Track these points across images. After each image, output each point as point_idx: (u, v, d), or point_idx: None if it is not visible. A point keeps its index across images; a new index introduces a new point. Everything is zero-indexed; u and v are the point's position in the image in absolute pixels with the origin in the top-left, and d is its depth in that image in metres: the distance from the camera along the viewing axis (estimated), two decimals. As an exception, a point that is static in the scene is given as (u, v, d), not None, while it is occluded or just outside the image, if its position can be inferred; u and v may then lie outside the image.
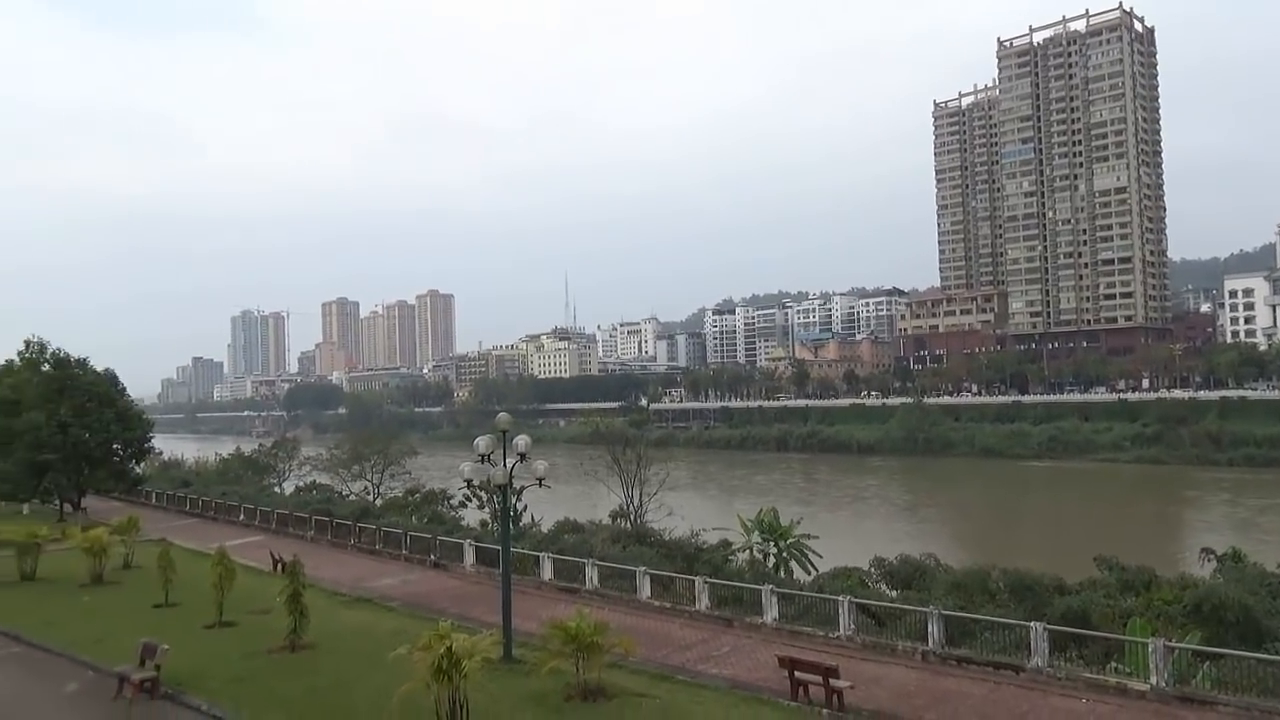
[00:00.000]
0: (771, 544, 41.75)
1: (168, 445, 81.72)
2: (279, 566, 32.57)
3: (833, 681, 18.01)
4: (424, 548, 37.33)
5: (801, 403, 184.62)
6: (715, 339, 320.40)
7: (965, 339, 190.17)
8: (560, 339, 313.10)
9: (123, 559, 34.66)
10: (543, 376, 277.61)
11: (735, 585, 27.48)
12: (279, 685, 19.58)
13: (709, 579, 27.55)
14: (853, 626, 23.11)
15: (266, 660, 21.63)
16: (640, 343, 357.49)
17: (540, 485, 21.89)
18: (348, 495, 63.01)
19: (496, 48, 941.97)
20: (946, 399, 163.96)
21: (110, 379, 55.82)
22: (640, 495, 50.20)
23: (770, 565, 39.35)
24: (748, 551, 41.13)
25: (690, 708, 17.90)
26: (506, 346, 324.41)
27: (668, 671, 20.88)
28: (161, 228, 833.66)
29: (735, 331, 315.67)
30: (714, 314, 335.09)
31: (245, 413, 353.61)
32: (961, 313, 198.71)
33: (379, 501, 59.78)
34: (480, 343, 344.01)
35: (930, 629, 21.46)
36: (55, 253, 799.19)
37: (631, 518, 48.52)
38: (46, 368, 54.31)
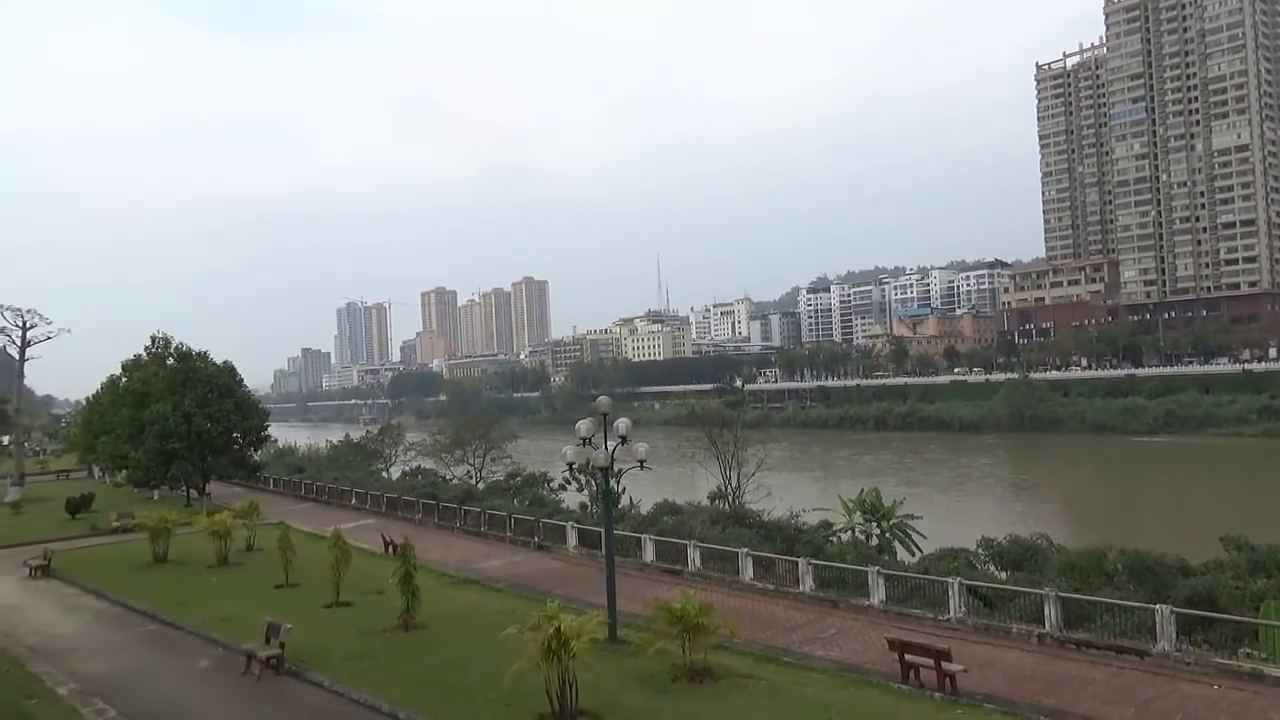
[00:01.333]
0: (874, 525, 41.06)
1: (281, 433, 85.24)
2: (390, 549, 33.63)
3: (945, 665, 17.61)
4: (527, 530, 38.02)
5: (900, 380, 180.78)
6: (810, 318, 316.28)
7: (1073, 311, 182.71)
8: (653, 322, 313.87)
9: (245, 542, 36.32)
10: (636, 359, 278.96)
11: (840, 567, 27.11)
12: (395, 663, 20.27)
13: (812, 560, 27.27)
14: (963, 609, 22.54)
15: (382, 639, 22.39)
16: (734, 323, 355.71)
17: (641, 468, 22.00)
18: (451, 479, 64.51)
19: (592, 33, 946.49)
20: (1054, 374, 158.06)
21: (229, 371, 58.40)
22: (738, 476, 50.00)
23: (873, 546, 38.72)
24: (849, 533, 40.55)
25: (798, 689, 17.79)
26: (600, 330, 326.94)
27: (773, 653, 20.78)
28: (275, 227, 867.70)
29: (830, 309, 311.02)
30: (808, 292, 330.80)
31: (352, 401, 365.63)
32: (1069, 284, 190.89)
33: (481, 485, 61.02)
34: (575, 327, 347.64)
35: (1046, 611, 20.76)
36: (182, 258, 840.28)
37: (730, 499, 48.41)
38: (171, 361, 57.28)
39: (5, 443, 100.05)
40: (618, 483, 23.22)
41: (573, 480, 52.69)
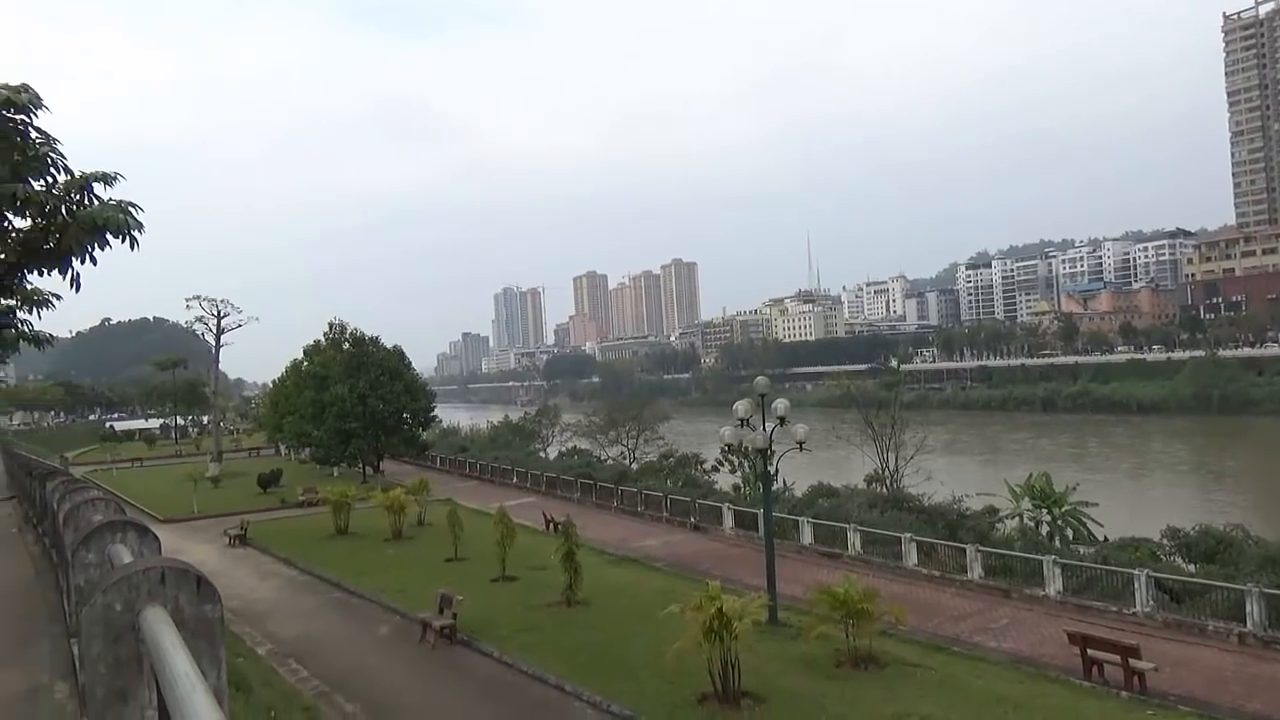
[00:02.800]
0: (1044, 511, 39.06)
1: (445, 414, 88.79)
2: (551, 526, 34.62)
3: (1133, 662, 16.59)
4: (683, 510, 38.31)
5: (1070, 359, 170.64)
6: (969, 295, 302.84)
7: (1270, 282, 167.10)
8: (804, 301, 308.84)
9: (417, 517, 38.24)
10: (787, 340, 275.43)
11: (1010, 554, 25.97)
12: (559, 637, 20.86)
13: (980, 547, 26.25)
14: (1151, 603, 21.15)
15: (546, 613, 23.08)
16: (888, 302, 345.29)
17: (800, 449, 21.73)
18: (606, 459, 65.65)
19: (733, 11, 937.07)
20: (1247, 351, 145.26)
21: (398, 355, 61.54)
22: (895, 459, 48.64)
23: (1043, 534, 36.87)
24: (1017, 519, 38.76)
25: (969, 680, 17.17)
26: (750, 311, 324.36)
27: (941, 642, 20.15)
28: (434, 218, 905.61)
29: (992, 285, 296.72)
30: (967, 268, 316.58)
31: (510, 383, 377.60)
32: (1264, 252, 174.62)
33: (635, 466, 61.82)
34: (724, 308, 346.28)
35: (1249, 608, 19.21)
36: (354, 249, 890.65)
37: (888, 483, 47.19)
38: (347, 347, 60.91)
39: (205, 423, 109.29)
40: (775, 465, 22.96)
41: (726, 462, 52.76)
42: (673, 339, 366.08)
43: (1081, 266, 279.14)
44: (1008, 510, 39.49)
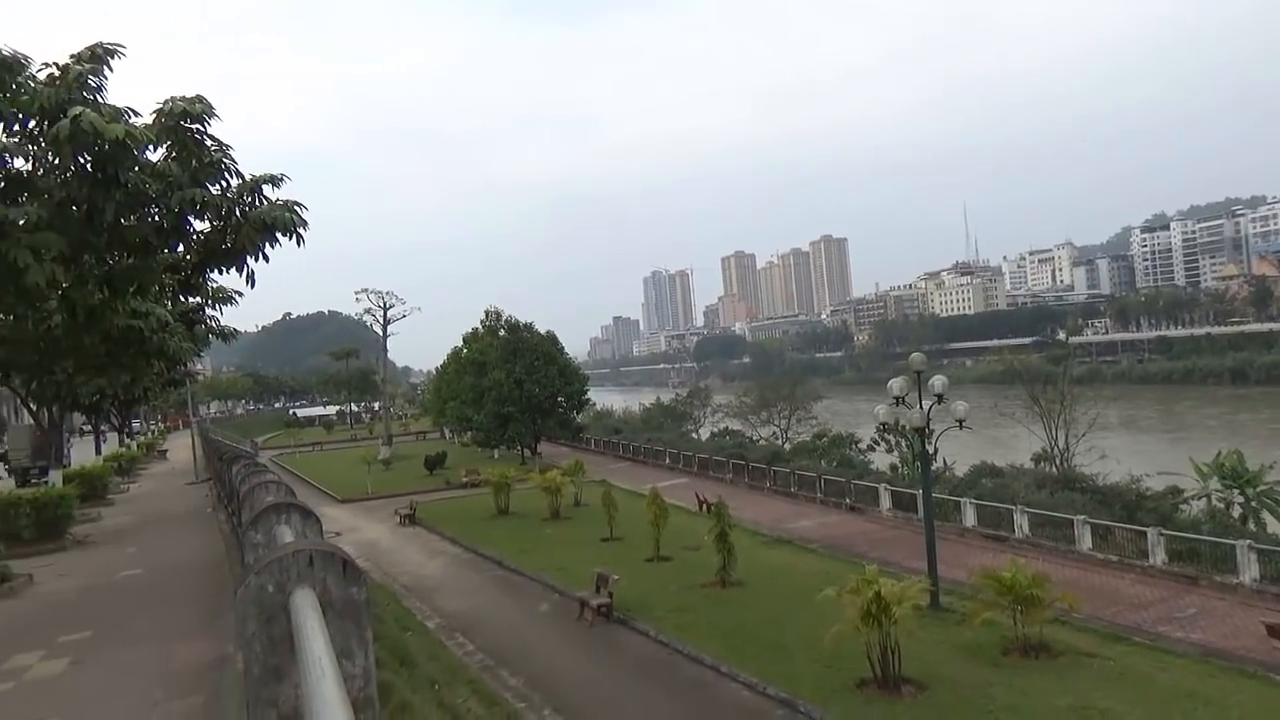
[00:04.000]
0: (1235, 492, 35.96)
1: (598, 397, 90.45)
2: (704, 507, 34.61)
3: (1345, 658, 15.02)
4: (837, 491, 37.53)
5: (1264, 327, 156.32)
6: (1145, 260, 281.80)
7: None
8: (962, 274, 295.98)
9: (573, 497, 39.12)
10: (944, 314, 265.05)
11: (1198, 539, 24.00)
12: (714, 618, 20.83)
13: (1163, 530, 24.40)
14: (1366, 593, 19.10)
15: (701, 594, 23.12)
16: (1053, 271, 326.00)
17: (960, 427, 20.80)
18: (758, 440, 65.21)
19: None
20: None
21: (552, 340, 63.04)
22: (1065, 437, 45.95)
23: (1235, 517, 33.94)
24: (1204, 500, 35.86)
25: (1153, 674, 16.00)
26: (904, 286, 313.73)
27: (1121, 632, 18.87)
28: (581, 204, 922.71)
29: (1170, 249, 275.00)
30: (1142, 232, 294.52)
31: (660, 365, 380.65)
32: None
33: (788, 446, 61.13)
34: (876, 284, 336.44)
35: None
36: (510, 240, 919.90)
37: (1057, 461, 44.65)
38: (503, 333, 62.95)
39: (376, 409, 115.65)
40: (934, 444, 22.08)
41: (881, 441, 51.34)
42: (824, 317, 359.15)
43: (1275, 225, 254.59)
44: (1193, 491, 36.61)
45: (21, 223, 11.95)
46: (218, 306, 21.76)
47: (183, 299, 20.87)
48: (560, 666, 18.79)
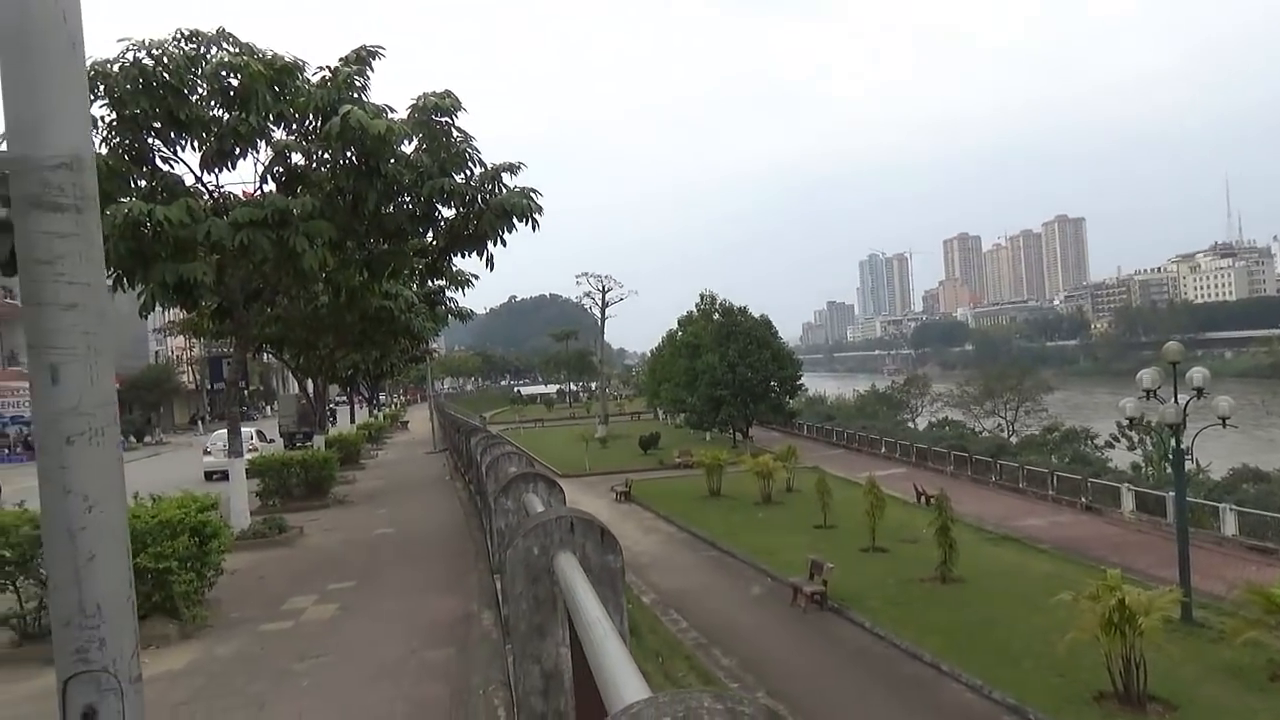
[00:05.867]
0: None
1: (810, 382, 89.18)
2: (923, 499, 33.44)
3: None
4: (1071, 489, 35.04)
5: None
6: None
7: None
8: (1222, 255, 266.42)
9: (785, 482, 38.89)
10: (1199, 301, 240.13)
11: None
12: (933, 614, 20.09)
13: None
14: None
15: (919, 588, 22.36)
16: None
17: (1224, 425, 18.84)
18: (980, 432, 62.14)
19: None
20: None
21: (766, 324, 62.86)
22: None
23: None
24: None
25: None
26: (1151, 270, 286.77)
27: None
28: (799, 189, 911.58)
29: None
30: None
31: (875, 351, 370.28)
32: None
33: (1014, 439, 57.86)
34: (1119, 268, 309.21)
35: None
36: (724, 224, 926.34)
37: (1340, 469, 39.45)
38: (717, 317, 63.44)
39: (593, 388, 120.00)
40: (1189, 443, 20.14)
41: (1123, 437, 47.43)
42: (1056, 303, 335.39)
43: None
44: None
45: (297, 212, 13.30)
46: (457, 288, 23.33)
47: (428, 281, 22.54)
48: (773, 651, 18.78)
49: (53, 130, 1.83)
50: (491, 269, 15.84)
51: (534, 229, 14.74)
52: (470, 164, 14.62)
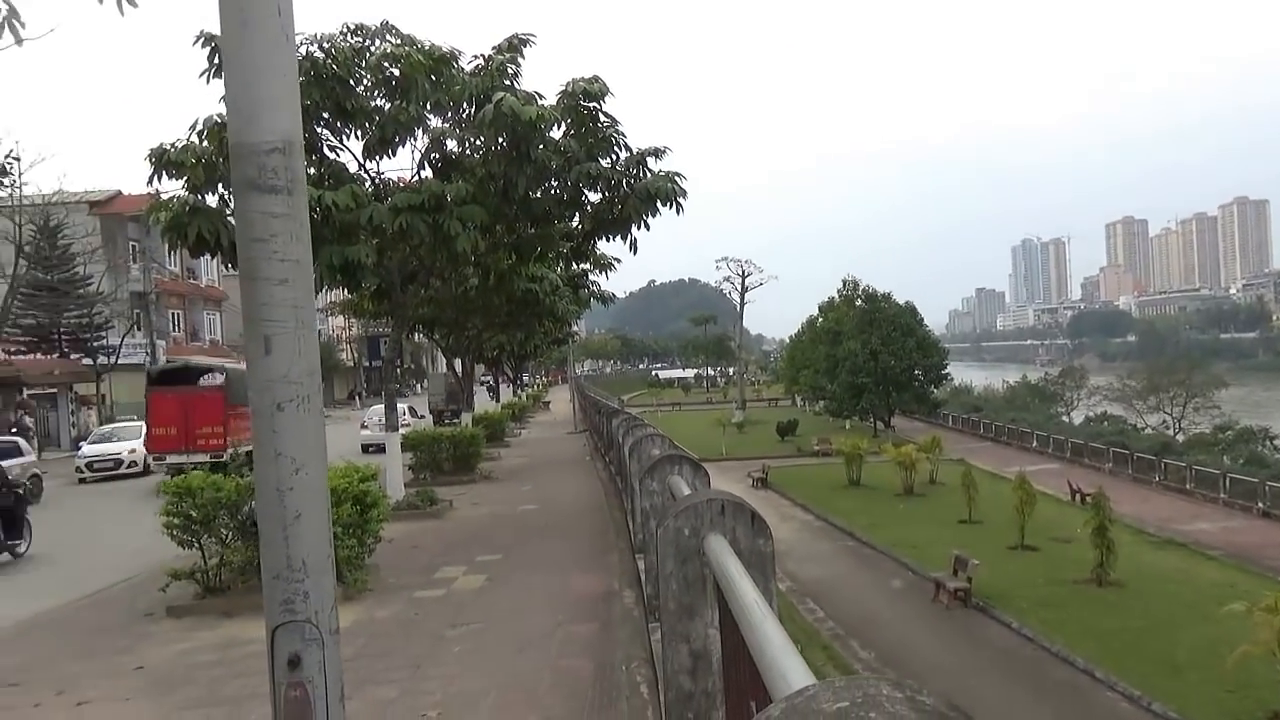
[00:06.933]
0: None
1: (956, 372, 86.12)
2: (1078, 497, 31.83)
3: None
4: (1246, 492, 32.52)
5: None
6: None
7: None
8: None
9: (928, 474, 37.74)
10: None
11: None
12: (1087, 618, 19.15)
13: None
14: None
15: (1071, 590, 21.35)
16: None
17: None
18: (1143, 428, 58.46)
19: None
20: None
21: (910, 311, 61.09)
22: None
23: None
24: None
25: None
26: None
27: None
28: (948, 169, 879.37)
29: None
30: None
31: (1027, 341, 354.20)
32: None
33: (1180, 437, 54.17)
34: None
35: None
36: (871, 208, 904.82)
37: None
38: (859, 303, 62.10)
39: (730, 374, 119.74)
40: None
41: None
42: (1232, 292, 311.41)
43: None
44: None
45: (451, 197, 13.80)
46: (600, 272, 23.70)
47: (572, 265, 22.99)
48: (913, 646, 18.34)
49: (267, 117, 1.99)
50: (635, 253, 16.01)
51: (678, 213, 14.78)
52: (616, 148, 14.76)
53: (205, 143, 13.19)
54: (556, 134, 14.51)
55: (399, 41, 13.93)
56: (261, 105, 1.98)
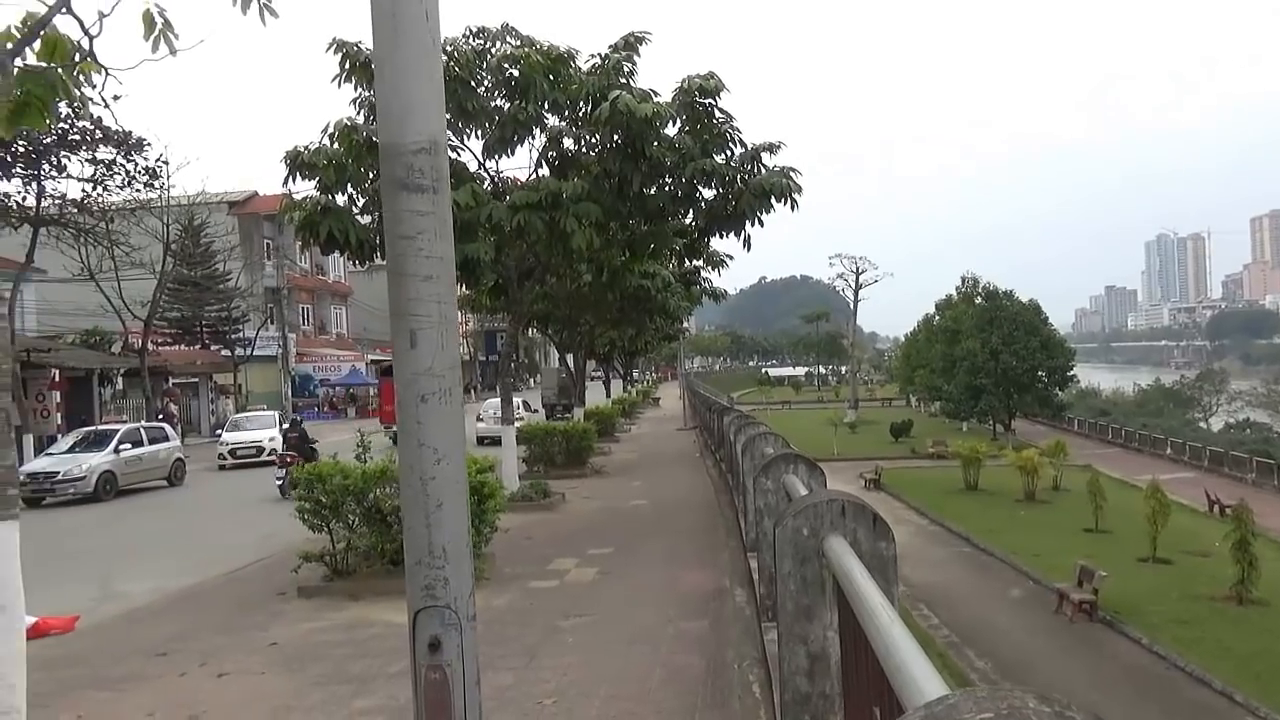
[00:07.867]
0: None
1: (1082, 374, 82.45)
2: (1217, 508, 30.04)
3: None
4: None
5: None
6: None
7: None
8: None
9: (1051, 480, 36.23)
10: None
11: None
12: (1226, 637, 18.05)
13: None
14: None
15: (1208, 607, 20.15)
16: None
17: None
18: (1291, 437, 54.82)
19: None
20: None
21: (1034, 309, 58.80)
22: None
23: None
24: None
25: None
26: None
27: None
28: (1077, 164, 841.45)
29: None
30: None
31: (1161, 342, 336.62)
32: None
33: (1335, 448, 50.41)
34: None
35: None
36: (996, 203, 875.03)
37: None
38: (979, 301, 60.08)
39: (843, 372, 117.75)
40: None
41: None
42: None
43: None
44: None
45: (567, 195, 14.03)
46: (712, 268, 23.66)
47: (685, 262, 23.03)
48: (1032, 658, 17.63)
49: (415, 118, 2.08)
50: (749, 249, 15.93)
51: (793, 209, 14.62)
52: (731, 144, 14.72)
53: (336, 145, 13.79)
54: (671, 130, 14.57)
55: (518, 43, 14.24)
56: (410, 107, 2.07)
